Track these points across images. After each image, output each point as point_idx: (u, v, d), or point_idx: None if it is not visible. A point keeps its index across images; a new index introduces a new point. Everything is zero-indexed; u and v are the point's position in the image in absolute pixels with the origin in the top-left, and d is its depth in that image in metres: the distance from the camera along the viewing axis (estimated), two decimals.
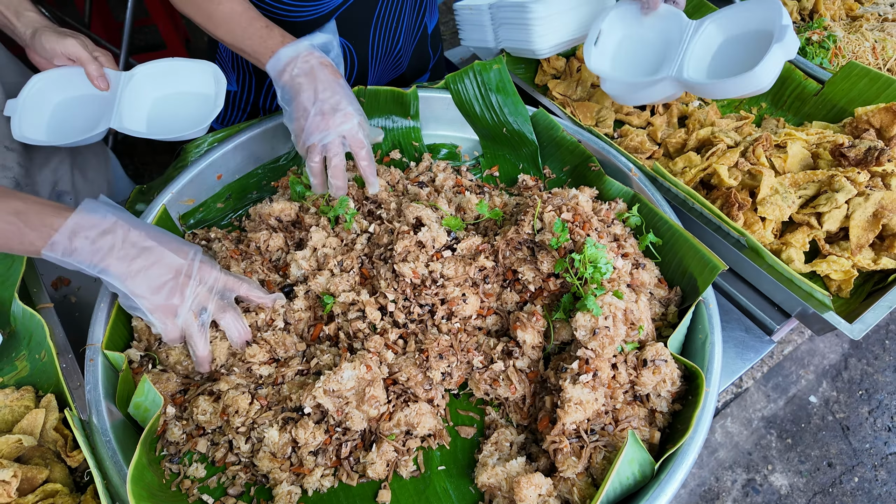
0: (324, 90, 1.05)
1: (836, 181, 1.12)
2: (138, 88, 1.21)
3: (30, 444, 0.84)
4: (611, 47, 1.32)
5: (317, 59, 1.07)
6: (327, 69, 1.08)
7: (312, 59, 1.07)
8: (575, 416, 0.81)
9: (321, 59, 1.08)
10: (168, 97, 1.24)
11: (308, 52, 1.07)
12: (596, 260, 0.93)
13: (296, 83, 1.06)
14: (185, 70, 1.24)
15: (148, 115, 1.22)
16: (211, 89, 1.22)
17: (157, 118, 1.22)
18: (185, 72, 1.24)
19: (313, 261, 1.08)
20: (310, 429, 0.87)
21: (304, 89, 1.05)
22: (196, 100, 1.23)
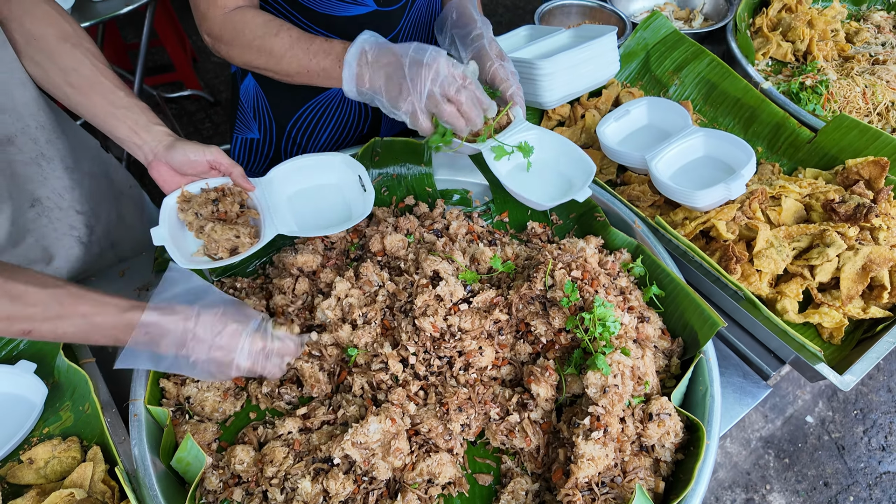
0: (403, 51, 1.05)
1: (828, 236, 1.19)
2: (276, 189, 1.20)
3: (81, 497, 0.90)
4: (627, 125, 1.49)
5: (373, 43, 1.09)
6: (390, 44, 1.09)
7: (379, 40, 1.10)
8: (588, 471, 0.88)
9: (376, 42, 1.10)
10: (303, 192, 1.26)
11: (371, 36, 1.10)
12: (605, 318, 1.00)
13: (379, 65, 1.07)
14: (314, 165, 1.25)
15: (293, 213, 1.22)
16: (346, 178, 1.25)
17: (302, 215, 1.22)
18: (315, 166, 1.25)
19: (338, 310, 1.15)
20: (339, 479, 0.94)
21: (387, 61, 1.06)
22: (333, 191, 1.26)
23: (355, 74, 1.08)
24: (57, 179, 1.28)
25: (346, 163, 1.25)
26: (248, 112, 1.51)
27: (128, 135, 1.07)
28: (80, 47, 1.08)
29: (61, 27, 1.09)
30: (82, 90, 1.07)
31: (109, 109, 1.07)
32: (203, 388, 1.04)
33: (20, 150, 1.20)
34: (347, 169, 1.25)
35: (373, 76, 1.08)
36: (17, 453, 1.00)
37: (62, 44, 1.07)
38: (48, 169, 1.25)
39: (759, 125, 1.58)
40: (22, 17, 1.06)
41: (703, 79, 1.69)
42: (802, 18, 1.90)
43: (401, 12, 1.37)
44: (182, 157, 1.07)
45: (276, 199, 1.18)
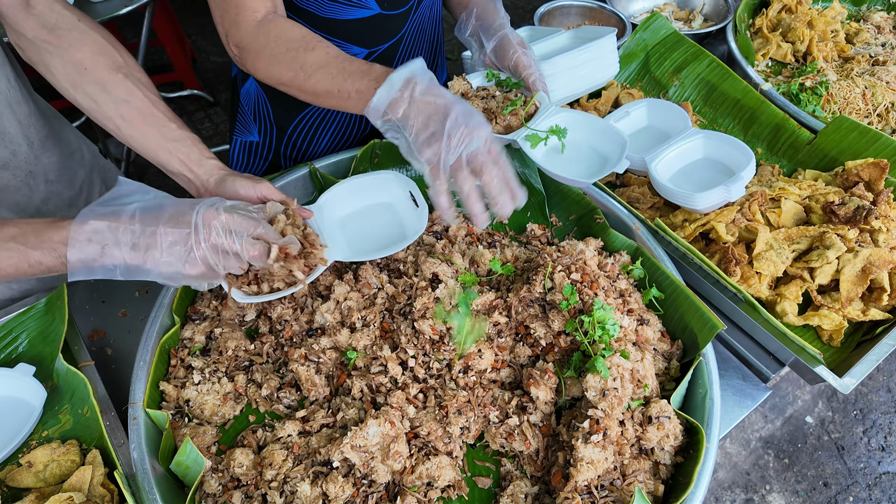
0: (454, 102, 0.95)
1: (827, 238, 1.19)
2: (327, 215, 1.19)
3: (80, 500, 0.90)
4: (626, 126, 1.48)
5: (430, 75, 1.00)
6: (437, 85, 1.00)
7: (428, 77, 1.00)
8: (587, 474, 0.88)
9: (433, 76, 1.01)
10: (355, 215, 1.23)
11: (423, 72, 1.00)
12: (604, 321, 1.00)
13: (419, 105, 0.96)
14: (366, 185, 1.23)
15: (346, 237, 1.19)
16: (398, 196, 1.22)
17: (355, 238, 1.20)
18: (366, 187, 1.23)
19: (337, 313, 1.15)
20: (339, 483, 0.94)
21: (430, 106, 0.96)
22: (386, 210, 1.23)
23: (394, 99, 0.97)
24: (38, 194, 1.28)
25: (396, 180, 1.23)
26: (248, 115, 1.51)
27: (179, 168, 1.05)
28: (132, 77, 1.06)
29: (113, 58, 1.06)
30: (134, 123, 1.05)
31: (161, 142, 1.05)
32: (203, 391, 1.04)
33: (13, 175, 1.20)
34: (398, 186, 1.23)
35: (410, 109, 0.97)
36: (16, 456, 1.00)
37: (114, 74, 1.04)
38: (34, 185, 1.26)
39: (759, 126, 1.58)
40: (70, 47, 1.04)
41: (703, 80, 1.69)
42: (802, 19, 1.90)
43: (405, 17, 1.37)
44: (232, 192, 1.04)
45: (327, 225, 1.16)
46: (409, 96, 0.97)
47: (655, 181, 1.29)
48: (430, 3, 1.43)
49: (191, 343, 1.12)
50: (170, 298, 1.12)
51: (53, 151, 1.26)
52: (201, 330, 1.13)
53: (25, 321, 1.13)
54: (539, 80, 1.26)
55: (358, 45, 1.38)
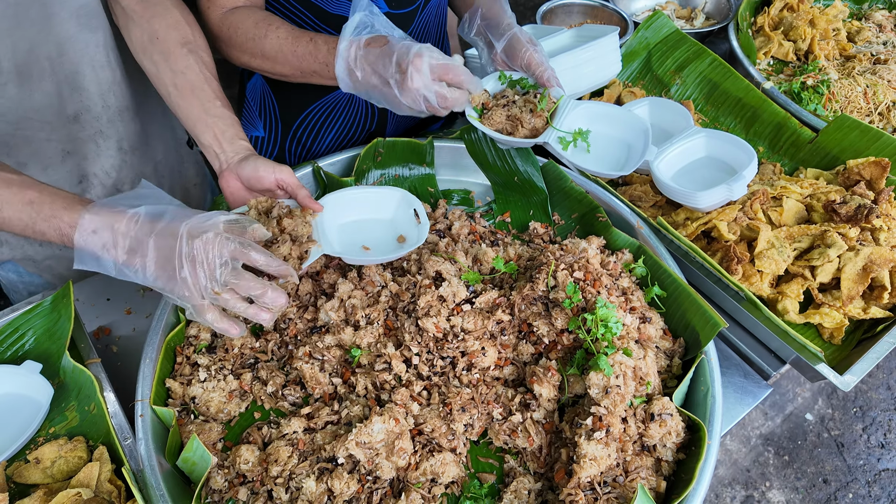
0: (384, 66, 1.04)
1: (829, 236, 1.20)
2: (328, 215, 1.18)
3: (88, 496, 0.91)
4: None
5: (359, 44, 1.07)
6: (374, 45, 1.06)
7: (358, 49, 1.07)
8: (590, 471, 0.89)
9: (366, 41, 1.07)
10: (355, 224, 1.23)
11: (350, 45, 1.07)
12: (607, 319, 1.00)
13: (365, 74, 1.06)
14: (371, 198, 1.24)
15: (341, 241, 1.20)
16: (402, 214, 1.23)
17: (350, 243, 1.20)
18: (371, 199, 1.24)
19: (341, 311, 1.16)
20: (344, 479, 0.95)
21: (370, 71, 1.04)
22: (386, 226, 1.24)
23: (348, 83, 1.06)
24: (108, 158, 1.33)
25: (403, 198, 1.23)
26: (253, 110, 1.52)
27: (210, 142, 1.09)
28: (195, 54, 1.12)
29: (184, 33, 1.13)
30: (183, 93, 1.10)
31: (201, 115, 1.09)
32: (209, 389, 1.05)
33: (82, 128, 1.25)
34: (404, 204, 1.23)
35: (364, 77, 1.06)
36: (23, 453, 1.00)
37: (180, 48, 1.12)
38: (103, 146, 1.31)
39: (761, 125, 1.58)
40: (151, 18, 1.12)
41: (705, 78, 1.69)
42: (804, 17, 1.90)
43: (412, 15, 1.38)
44: (251, 171, 1.06)
45: (326, 225, 1.16)
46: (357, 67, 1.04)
47: (657, 180, 1.30)
48: (436, 1, 1.43)
49: (196, 341, 1.12)
50: None
51: (131, 123, 1.31)
52: (207, 328, 1.13)
53: (32, 319, 1.14)
54: (553, 76, 1.27)
55: None
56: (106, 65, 1.20)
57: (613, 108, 1.34)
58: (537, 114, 1.25)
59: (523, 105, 1.28)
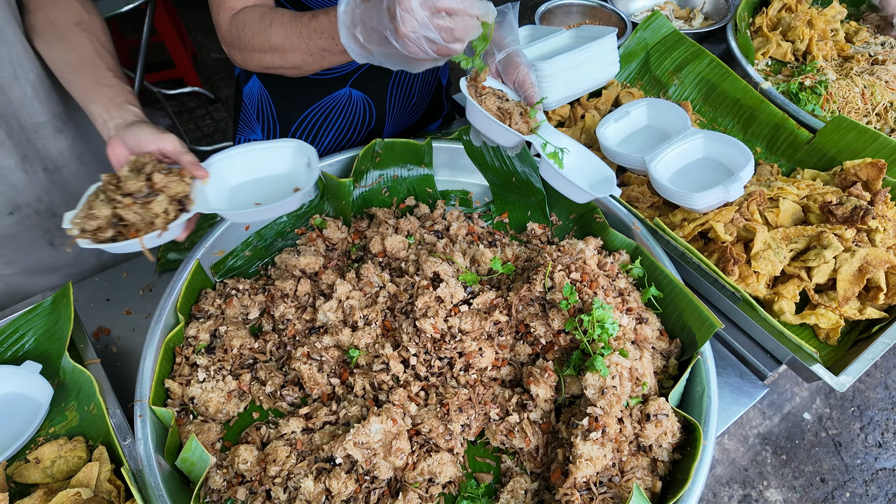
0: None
1: (825, 237, 1.20)
2: (217, 178, 1.12)
3: (87, 496, 0.92)
4: (626, 126, 1.49)
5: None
6: None
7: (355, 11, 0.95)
8: (586, 471, 0.89)
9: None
10: (249, 183, 1.17)
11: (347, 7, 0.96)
12: (603, 320, 1.01)
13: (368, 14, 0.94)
14: (264, 153, 1.16)
15: (229, 203, 1.14)
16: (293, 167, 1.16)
17: (241, 202, 1.14)
18: (264, 155, 1.17)
19: (339, 312, 1.16)
20: (342, 479, 0.95)
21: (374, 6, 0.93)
22: (283, 181, 1.16)
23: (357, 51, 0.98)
24: (36, 182, 1.28)
25: (298, 149, 1.16)
26: (251, 114, 1.52)
27: (99, 111, 1.06)
28: (89, 31, 1.14)
29: (79, 15, 1.15)
30: (75, 67, 1.10)
31: (92, 86, 1.08)
32: (208, 389, 1.06)
33: (7, 156, 1.21)
34: (299, 155, 1.16)
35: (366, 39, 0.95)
36: (23, 453, 1.01)
37: (74, 28, 1.14)
38: (30, 171, 1.26)
39: (759, 126, 1.59)
40: (47, 7, 1.14)
41: (703, 79, 1.69)
42: (802, 18, 1.90)
43: None
44: (135, 138, 1.02)
45: (216, 188, 1.10)
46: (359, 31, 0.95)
47: (655, 181, 1.30)
48: None
49: (195, 341, 1.13)
50: (174, 297, 1.14)
51: (53, 140, 1.26)
52: (206, 328, 1.14)
53: (32, 319, 1.14)
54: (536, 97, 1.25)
55: None
56: (13, 81, 1.15)
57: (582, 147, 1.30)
58: (525, 119, 1.25)
59: (515, 106, 1.28)
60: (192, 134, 3.74)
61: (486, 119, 1.24)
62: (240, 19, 1.15)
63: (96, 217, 0.97)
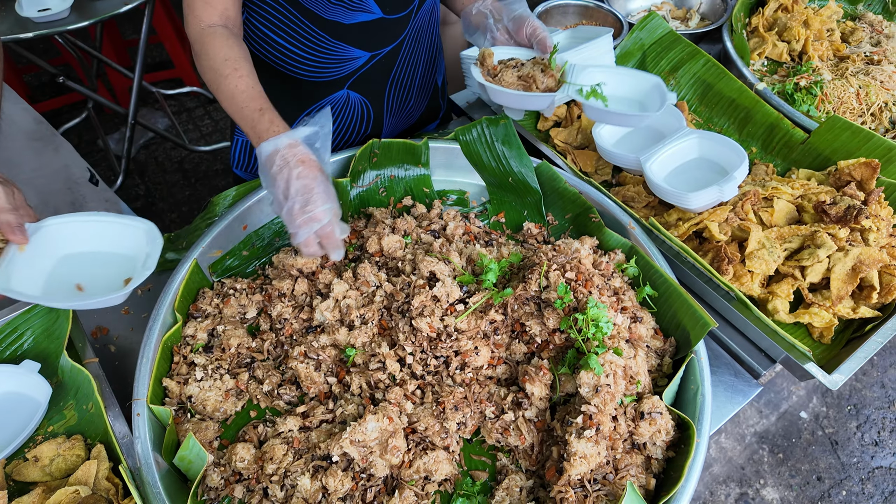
0: (295, 193, 1.04)
1: (819, 237, 1.21)
2: (46, 244, 1.05)
3: (86, 494, 0.93)
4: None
5: (296, 155, 1.07)
6: (304, 166, 1.06)
7: (291, 156, 1.06)
8: (580, 468, 0.90)
9: (300, 156, 1.07)
10: (84, 255, 1.09)
11: (288, 147, 1.07)
12: (598, 319, 1.02)
13: (275, 176, 1.07)
14: (110, 227, 1.09)
15: (48, 275, 1.06)
16: (137, 250, 1.09)
17: (60, 280, 1.06)
18: (110, 229, 1.10)
19: (336, 311, 1.17)
20: (338, 477, 0.96)
21: (279, 184, 1.06)
22: (116, 261, 1.09)
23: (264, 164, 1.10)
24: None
25: (148, 234, 1.09)
26: None
27: None
28: None
29: None
30: None
31: None
32: (205, 388, 1.07)
33: None
34: (149, 240, 1.09)
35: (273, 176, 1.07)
36: (22, 451, 1.02)
37: None
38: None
39: (754, 126, 1.60)
40: None
41: (699, 79, 1.70)
42: (798, 18, 1.91)
43: (406, 20, 1.39)
44: None
45: (37, 254, 1.02)
46: (271, 165, 1.08)
47: (650, 181, 1.31)
48: (430, 6, 1.44)
49: (193, 340, 1.14)
50: (172, 297, 1.14)
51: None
52: (203, 327, 1.15)
53: (30, 318, 1.15)
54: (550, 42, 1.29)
55: (360, 49, 1.40)
56: None
57: (619, 68, 1.32)
58: (549, 73, 1.24)
59: (533, 66, 1.27)
60: (191, 134, 3.74)
61: (511, 95, 1.22)
62: (205, 42, 1.19)
63: None
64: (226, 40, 1.19)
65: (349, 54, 1.40)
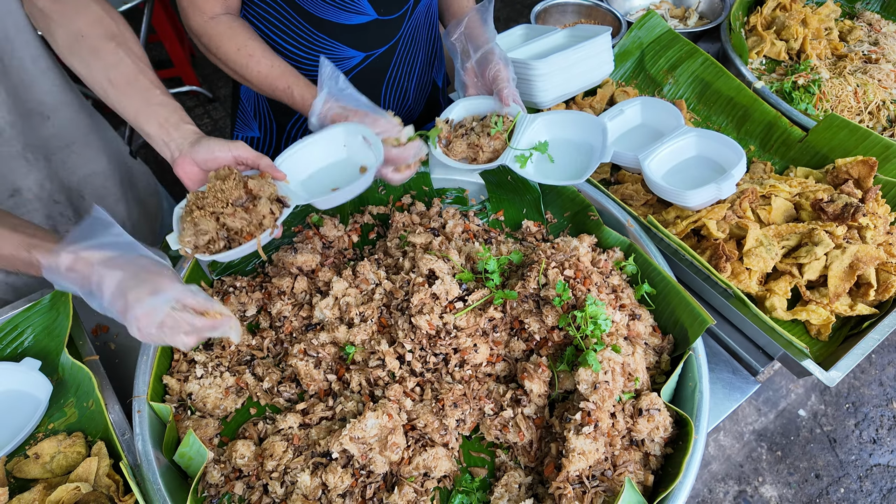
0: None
1: (816, 234, 1.22)
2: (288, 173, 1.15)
3: (86, 490, 0.93)
4: (621, 124, 1.50)
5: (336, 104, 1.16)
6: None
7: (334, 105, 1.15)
8: (578, 464, 0.91)
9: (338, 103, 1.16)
10: (316, 174, 1.22)
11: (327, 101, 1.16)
12: (596, 316, 1.02)
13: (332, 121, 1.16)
14: (320, 143, 1.21)
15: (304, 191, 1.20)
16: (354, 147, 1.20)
17: (316, 192, 1.19)
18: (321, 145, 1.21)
19: (336, 309, 1.17)
20: (338, 473, 0.96)
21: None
22: (345, 165, 1.22)
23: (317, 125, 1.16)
24: (39, 171, 1.29)
25: (346, 131, 1.19)
26: (248, 111, 1.53)
27: (157, 132, 1.06)
28: (124, 46, 1.10)
29: (108, 27, 1.11)
30: (120, 87, 1.08)
31: (143, 106, 1.07)
32: (205, 385, 1.07)
33: (6, 142, 1.21)
34: (351, 136, 1.20)
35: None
36: (23, 448, 1.02)
37: (107, 42, 1.09)
38: (32, 160, 1.27)
39: (752, 124, 1.60)
40: (72, 17, 1.09)
41: (697, 78, 1.71)
42: (796, 17, 1.91)
43: (400, 21, 1.40)
44: (206, 153, 1.03)
45: (290, 186, 1.13)
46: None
47: (648, 179, 1.32)
48: (425, 7, 1.45)
49: None
50: None
51: (39, 131, 1.26)
52: None
53: (31, 316, 1.15)
54: (511, 94, 1.31)
55: (355, 49, 1.40)
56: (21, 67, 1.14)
57: (569, 112, 1.36)
58: (494, 136, 1.30)
59: (481, 130, 1.33)
60: None
61: (458, 167, 1.34)
62: (216, 34, 1.21)
63: (206, 231, 1.00)
64: (230, 28, 1.21)
65: (343, 54, 1.40)
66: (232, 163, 1.05)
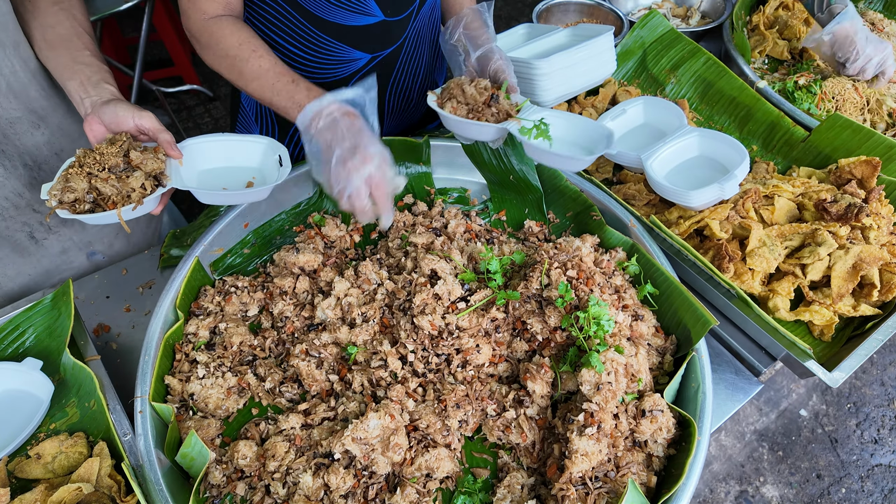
0: (342, 139, 1.05)
1: (819, 235, 1.21)
2: (189, 161, 1.17)
3: (88, 491, 0.93)
4: (623, 124, 1.50)
5: (339, 110, 1.08)
6: (349, 118, 1.08)
7: (335, 111, 1.08)
8: (581, 466, 0.90)
9: (344, 110, 1.09)
10: (218, 170, 1.22)
11: (332, 105, 1.09)
12: (599, 317, 1.02)
13: (321, 136, 1.07)
14: (237, 146, 1.22)
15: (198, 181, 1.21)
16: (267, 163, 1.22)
17: (209, 186, 1.20)
18: (237, 147, 1.22)
19: (338, 309, 1.17)
20: (340, 474, 0.96)
21: (325, 136, 1.07)
22: (250, 173, 1.23)
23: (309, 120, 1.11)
24: (16, 179, 1.26)
25: (269, 146, 1.21)
26: (249, 115, 1.53)
27: (76, 88, 1.09)
28: (66, 11, 1.14)
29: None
30: (52, 45, 1.11)
31: (69, 64, 1.10)
32: (207, 385, 1.07)
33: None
34: (270, 152, 1.21)
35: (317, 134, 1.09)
36: (24, 448, 1.02)
37: (52, 6, 1.14)
38: (9, 167, 1.24)
39: (755, 124, 1.60)
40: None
41: (700, 77, 1.70)
42: (799, 16, 1.91)
43: (406, 22, 1.39)
44: (112, 115, 1.05)
45: (185, 170, 1.14)
46: (316, 125, 1.09)
47: (651, 179, 1.31)
48: (430, 7, 1.45)
49: (195, 338, 1.14)
50: (173, 294, 1.15)
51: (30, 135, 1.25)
52: (205, 325, 1.15)
53: (32, 316, 1.15)
54: (515, 84, 1.31)
55: (360, 51, 1.40)
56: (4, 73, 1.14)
57: (575, 116, 1.33)
58: (499, 106, 1.28)
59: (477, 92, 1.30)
60: (191, 132, 3.74)
61: (456, 122, 1.29)
62: (215, 31, 1.19)
63: (73, 189, 1.01)
64: (233, 25, 1.19)
65: (349, 56, 1.40)
66: (134, 130, 1.08)
